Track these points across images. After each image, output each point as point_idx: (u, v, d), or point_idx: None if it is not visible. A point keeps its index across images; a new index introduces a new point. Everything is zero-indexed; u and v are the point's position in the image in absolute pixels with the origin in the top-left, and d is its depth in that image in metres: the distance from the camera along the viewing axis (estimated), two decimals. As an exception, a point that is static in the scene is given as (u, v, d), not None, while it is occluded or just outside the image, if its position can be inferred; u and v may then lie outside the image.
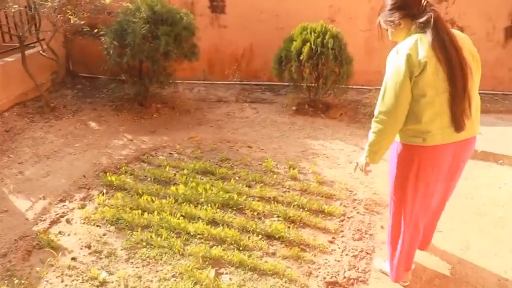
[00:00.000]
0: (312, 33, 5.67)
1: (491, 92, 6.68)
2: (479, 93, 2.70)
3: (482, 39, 6.56)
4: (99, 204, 3.79)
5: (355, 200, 4.00)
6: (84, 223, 3.55)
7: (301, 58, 5.59)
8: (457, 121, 2.49)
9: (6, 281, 2.92)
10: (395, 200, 2.83)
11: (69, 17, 5.28)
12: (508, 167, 4.68)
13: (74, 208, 3.75)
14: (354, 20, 6.73)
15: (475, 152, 4.86)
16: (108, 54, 5.62)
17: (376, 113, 2.57)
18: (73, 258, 3.16)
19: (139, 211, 3.60)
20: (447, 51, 2.40)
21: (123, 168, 4.41)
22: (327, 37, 5.61)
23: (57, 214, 3.65)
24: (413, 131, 2.53)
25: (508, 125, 5.64)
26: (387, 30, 2.67)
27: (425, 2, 2.47)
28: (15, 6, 4.97)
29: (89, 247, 3.28)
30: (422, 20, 2.45)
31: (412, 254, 2.99)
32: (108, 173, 4.22)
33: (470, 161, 4.74)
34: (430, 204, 2.85)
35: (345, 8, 6.70)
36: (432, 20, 2.42)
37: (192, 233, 3.39)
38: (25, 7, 5.80)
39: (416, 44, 2.42)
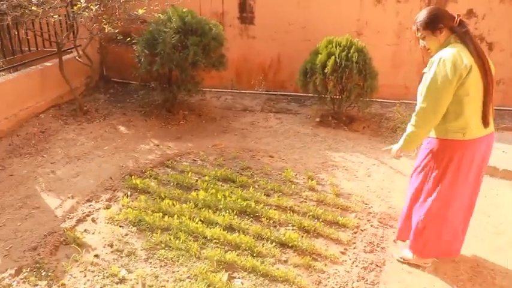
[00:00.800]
0: (337, 47, 5.77)
1: (519, 109, 6.63)
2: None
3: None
4: (123, 206, 3.98)
5: (370, 213, 4.07)
6: (108, 223, 3.75)
7: (325, 71, 5.70)
8: (486, 117, 2.93)
9: (34, 272, 3.14)
10: (431, 193, 3.12)
11: (104, 26, 5.56)
12: (529, 186, 4.66)
13: (99, 208, 3.96)
14: (381, 34, 6.79)
15: (497, 170, 4.87)
16: (139, 62, 5.87)
17: (417, 108, 2.94)
18: (96, 255, 3.35)
19: (161, 214, 3.78)
20: (482, 59, 2.85)
21: (148, 172, 4.60)
22: (351, 51, 5.70)
23: (83, 213, 3.87)
24: (454, 127, 2.91)
25: (533, 144, 5.58)
26: (422, 39, 3.02)
27: (459, 17, 2.90)
28: (55, 16, 5.27)
29: (111, 246, 3.46)
30: (460, 32, 2.89)
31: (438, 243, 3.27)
32: (133, 176, 4.42)
33: (490, 178, 4.81)
34: (465, 197, 3.19)
35: (373, 22, 6.77)
36: (468, 31, 2.91)
37: (208, 238, 3.54)
38: (64, 16, 6.12)
39: (459, 52, 2.82)
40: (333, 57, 5.69)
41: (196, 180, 4.43)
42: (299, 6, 6.86)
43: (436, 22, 2.92)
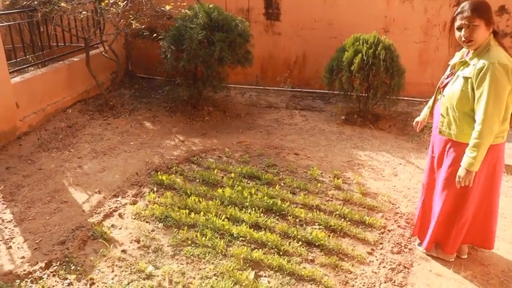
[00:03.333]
0: (364, 44, 5.69)
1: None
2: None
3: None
4: (149, 202, 4.01)
5: (397, 213, 4.01)
6: (134, 218, 3.77)
7: (352, 68, 5.63)
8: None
9: (64, 266, 3.18)
10: (479, 195, 3.14)
11: (131, 21, 5.59)
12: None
13: (126, 204, 3.99)
14: (408, 31, 6.69)
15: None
16: (166, 58, 5.89)
17: (483, 124, 2.78)
18: (123, 251, 3.38)
19: (187, 211, 3.79)
20: None
21: (174, 168, 4.62)
22: (379, 48, 5.62)
23: (110, 208, 3.90)
24: (500, 132, 2.91)
25: None
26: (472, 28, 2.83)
27: None
28: (84, 12, 5.32)
29: (138, 241, 3.49)
30: (499, 35, 2.90)
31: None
32: (159, 172, 4.44)
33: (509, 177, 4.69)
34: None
35: (400, 19, 6.67)
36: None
37: (235, 235, 3.54)
38: (92, 12, 6.18)
39: (508, 57, 2.79)
40: (359, 54, 5.62)
41: (222, 177, 4.43)
42: (325, 2, 6.80)
43: (492, 15, 2.83)
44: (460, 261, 3.39)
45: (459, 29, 2.87)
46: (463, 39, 2.86)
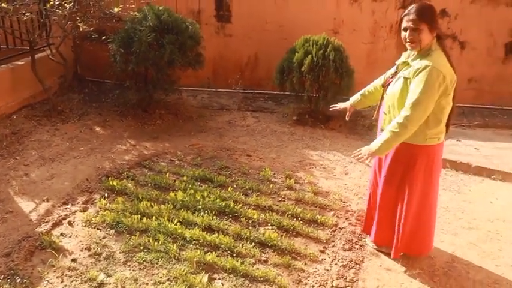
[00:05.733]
0: (314, 46, 5.80)
1: (491, 106, 6.79)
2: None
3: (483, 54, 6.67)
4: (100, 208, 3.92)
5: (348, 211, 4.11)
6: (85, 226, 3.68)
7: (302, 69, 5.72)
8: (448, 125, 3.12)
9: (8, 280, 3.06)
10: (416, 196, 3.20)
11: (78, 24, 5.45)
12: (501, 182, 4.79)
13: (76, 211, 3.90)
14: (357, 32, 6.86)
15: (469, 167, 4.98)
16: (115, 61, 5.78)
17: (403, 117, 2.89)
18: (73, 260, 3.29)
19: (139, 216, 3.73)
20: (455, 71, 2.95)
21: (125, 173, 4.55)
22: (328, 49, 5.74)
23: (59, 216, 3.79)
24: (433, 134, 3.02)
25: (504, 140, 5.73)
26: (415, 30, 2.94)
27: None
28: (27, 13, 5.14)
29: (89, 249, 3.41)
30: (443, 40, 3.01)
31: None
32: (110, 178, 4.37)
33: (464, 175, 4.94)
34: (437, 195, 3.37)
35: (349, 20, 6.82)
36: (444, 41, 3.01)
37: (188, 239, 3.52)
38: (37, 13, 5.98)
39: (446, 62, 2.90)
40: (309, 55, 5.72)
41: (174, 181, 4.40)
42: (276, 4, 6.87)
43: (436, 20, 2.94)
44: (408, 256, 3.49)
45: (404, 30, 2.98)
46: (407, 40, 2.97)
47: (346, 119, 3.66)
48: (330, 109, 3.79)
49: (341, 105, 3.71)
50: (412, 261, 3.44)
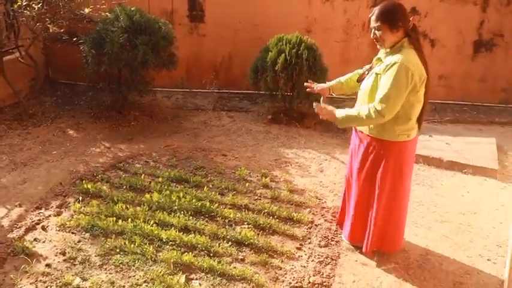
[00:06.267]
0: (287, 44, 5.84)
1: (461, 102, 6.95)
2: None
3: (453, 52, 6.81)
4: (74, 212, 3.88)
5: (324, 208, 4.16)
6: (59, 230, 3.63)
7: (276, 68, 5.75)
8: (421, 121, 3.15)
9: (-20, 287, 3.01)
10: (386, 192, 3.24)
11: (48, 25, 5.37)
12: (472, 176, 4.90)
13: (49, 215, 3.84)
14: (330, 31, 6.92)
15: (441, 161, 5.08)
16: (87, 62, 5.71)
17: (373, 108, 2.94)
18: (47, 265, 3.24)
19: (114, 218, 3.70)
20: (427, 67, 3.01)
21: (100, 175, 4.50)
22: (301, 48, 5.78)
23: (32, 221, 3.73)
24: (403, 130, 3.05)
25: (474, 135, 5.87)
26: (378, 30, 3.03)
27: (413, 21, 3.00)
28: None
29: (64, 254, 3.36)
30: (414, 38, 3.01)
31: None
32: (84, 181, 4.31)
33: (436, 169, 5.03)
34: (408, 192, 3.42)
35: (321, 19, 6.88)
36: (418, 38, 3.04)
37: (164, 240, 3.51)
38: (4, 14, 5.86)
39: (417, 60, 2.94)
40: (283, 54, 5.75)
41: (150, 182, 4.38)
42: (249, 4, 6.88)
43: (397, 19, 2.97)
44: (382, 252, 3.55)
45: (370, 29, 3.09)
46: (373, 39, 3.08)
47: (321, 104, 3.60)
48: (305, 85, 3.75)
49: (318, 86, 3.69)
50: (387, 255, 3.50)
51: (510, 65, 6.79)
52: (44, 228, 3.67)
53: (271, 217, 3.91)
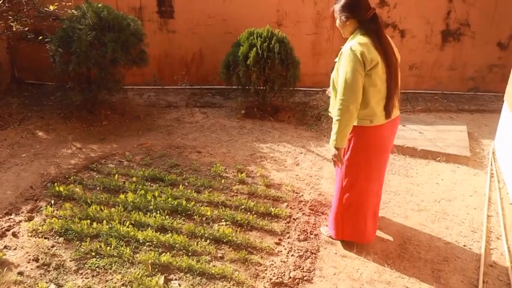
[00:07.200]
0: (259, 38, 5.79)
1: (432, 91, 7.05)
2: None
3: (422, 41, 6.89)
4: (47, 216, 3.77)
5: (301, 201, 4.15)
6: (31, 236, 3.53)
7: (248, 63, 5.70)
8: (388, 110, 3.13)
9: (-50, 299, 2.89)
10: (347, 177, 3.29)
11: (11, 23, 5.19)
12: (445, 164, 4.97)
13: (20, 221, 3.72)
14: (300, 23, 6.90)
15: (415, 151, 5.14)
16: (54, 62, 5.56)
17: (339, 102, 3.00)
18: (20, 273, 3.15)
19: (88, 221, 3.62)
20: (386, 53, 3.03)
21: (72, 177, 4.39)
22: (273, 42, 5.75)
23: (2, 228, 3.61)
24: (362, 115, 3.07)
25: (446, 123, 5.95)
26: (337, 25, 3.16)
27: (373, 10, 3.02)
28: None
29: (37, 260, 3.27)
30: (367, 26, 3.03)
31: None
32: (56, 183, 4.20)
33: (410, 159, 5.08)
34: (380, 180, 3.44)
35: (292, 12, 6.86)
36: (377, 27, 3.04)
37: (141, 241, 3.45)
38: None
39: (368, 45, 2.96)
40: (254, 48, 5.71)
41: (124, 182, 4.29)
42: (218, -2, 6.81)
43: (345, 11, 3.06)
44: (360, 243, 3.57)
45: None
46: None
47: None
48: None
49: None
50: (366, 246, 3.53)
51: (477, 53, 6.91)
52: (14, 235, 3.55)
53: (248, 213, 3.88)
